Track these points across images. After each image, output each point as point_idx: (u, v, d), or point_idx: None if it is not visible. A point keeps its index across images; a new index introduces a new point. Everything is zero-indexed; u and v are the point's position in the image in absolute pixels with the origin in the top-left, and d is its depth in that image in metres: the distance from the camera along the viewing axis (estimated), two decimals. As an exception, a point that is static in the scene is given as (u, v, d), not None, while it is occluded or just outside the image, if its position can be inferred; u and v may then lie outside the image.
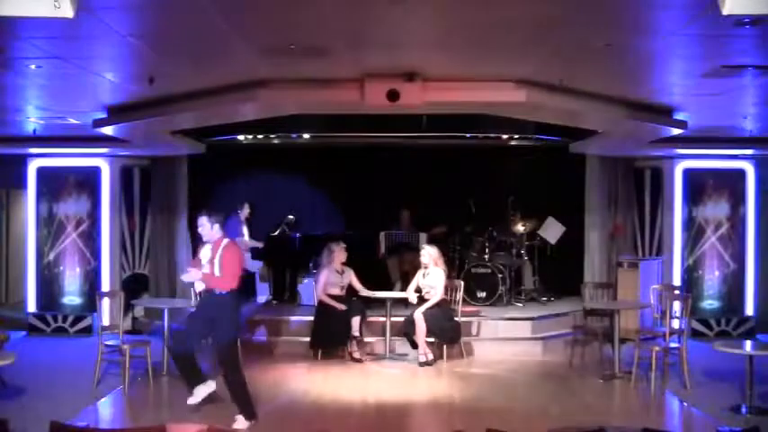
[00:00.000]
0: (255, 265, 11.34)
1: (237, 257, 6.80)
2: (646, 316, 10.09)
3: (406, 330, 9.18)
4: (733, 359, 7.58)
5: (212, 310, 6.72)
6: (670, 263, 11.35)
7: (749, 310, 11.32)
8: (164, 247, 11.87)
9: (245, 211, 10.94)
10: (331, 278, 9.37)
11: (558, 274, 11.69)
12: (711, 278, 11.33)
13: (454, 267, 11.56)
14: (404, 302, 9.47)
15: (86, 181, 11.40)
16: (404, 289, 9.92)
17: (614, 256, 11.58)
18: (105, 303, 8.84)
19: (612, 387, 8.23)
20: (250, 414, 6.64)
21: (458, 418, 7.01)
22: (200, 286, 6.93)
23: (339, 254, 9.44)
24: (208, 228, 6.75)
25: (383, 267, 11.40)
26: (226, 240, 6.82)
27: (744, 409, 7.09)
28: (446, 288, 9.39)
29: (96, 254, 11.38)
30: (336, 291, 9.39)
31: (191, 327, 6.91)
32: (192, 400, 6.87)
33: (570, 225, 11.54)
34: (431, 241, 11.01)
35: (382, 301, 9.46)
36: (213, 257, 6.69)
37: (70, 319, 11.26)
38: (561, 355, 9.47)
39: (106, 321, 8.66)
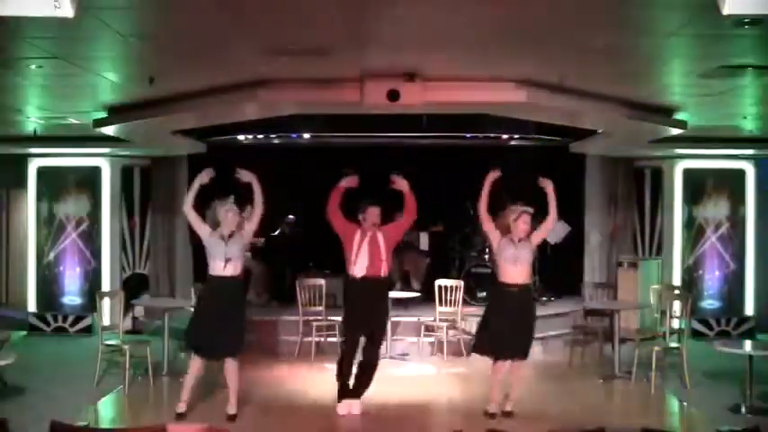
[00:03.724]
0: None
1: None
2: (646, 316, 10.10)
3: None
4: (733, 359, 7.58)
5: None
6: (670, 263, 11.35)
7: (749, 310, 11.32)
8: (164, 247, 11.87)
9: (247, 212, 10.92)
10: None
11: (558, 274, 11.69)
12: (711, 278, 11.33)
13: (454, 267, 11.56)
14: (403, 303, 9.45)
15: (87, 181, 11.41)
16: (404, 289, 9.92)
17: (614, 256, 11.59)
18: (105, 303, 8.84)
19: (612, 387, 8.23)
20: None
21: (457, 418, 7.00)
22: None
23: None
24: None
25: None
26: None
27: (744, 409, 7.09)
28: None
29: (96, 254, 11.39)
30: None
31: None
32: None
33: (570, 225, 11.54)
34: (431, 239, 11.03)
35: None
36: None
37: (70, 319, 11.26)
38: (561, 355, 9.47)
39: (106, 321, 8.66)
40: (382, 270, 6.92)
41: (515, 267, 6.80)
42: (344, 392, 6.99)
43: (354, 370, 7.01)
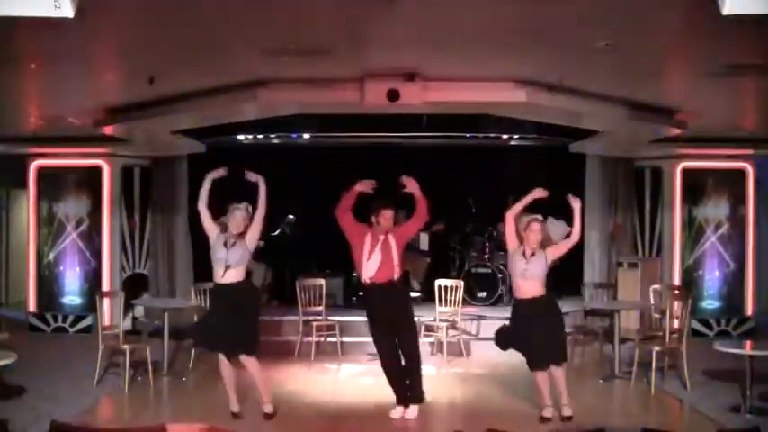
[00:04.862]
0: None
1: None
2: (646, 316, 10.09)
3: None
4: (733, 359, 7.57)
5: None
6: (670, 263, 11.35)
7: (749, 310, 11.32)
8: (164, 247, 11.87)
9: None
10: None
11: (558, 274, 11.66)
12: (711, 278, 11.33)
13: (454, 267, 11.56)
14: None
15: (87, 181, 11.40)
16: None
17: (614, 256, 11.58)
18: (105, 303, 8.84)
19: (612, 387, 8.23)
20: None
21: (458, 418, 7.00)
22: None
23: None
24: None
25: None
26: None
27: (744, 409, 7.08)
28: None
29: (96, 254, 11.39)
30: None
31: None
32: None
33: (570, 225, 11.52)
34: (431, 238, 10.99)
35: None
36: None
37: (70, 319, 11.26)
38: (561, 354, 9.46)
39: (106, 321, 8.66)
40: (395, 274, 6.82)
41: (525, 282, 6.70)
42: (400, 397, 6.91)
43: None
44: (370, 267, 6.77)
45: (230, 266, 6.63)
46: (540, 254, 6.74)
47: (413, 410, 6.90)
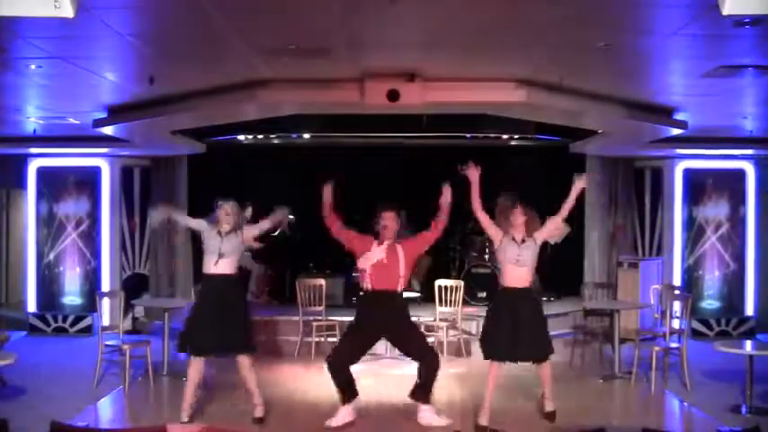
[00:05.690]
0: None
1: None
2: (646, 316, 10.09)
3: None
4: (733, 359, 7.58)
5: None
6: (670, 263, 11.36)
7: (749, 310, 11.32)
8: (164, 247, 11.87)
9: (248, 213, 10.88)
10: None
11: (558, 274, 11.69)
12: (711, 278, 11.34)
13: (454, 267, 11.56)
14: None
15: (86, 181, 11.41)
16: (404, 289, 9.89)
17: (614, 256, 11.59)
18: (105, 303, 8.84)
19: (612, 387, 8.23)
20: None
21: (458, 418, 7.00)
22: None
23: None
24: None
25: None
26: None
27: (744, 409, 7.09)
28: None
29: (96, 254, 11.39)
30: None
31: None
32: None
33: (570, 225, 11.53)
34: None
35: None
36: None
37: (70, 319, 11.27)
38: (561, 355, 9.43)
39: (106, 321, 8.66)
40: (398, 285, 6.64)
41: (517, 268, 6.61)
42: (345, 396, 6.73)
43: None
44: (374, 276, 6.59)
45: (223, 255, 6.62)
46: (530, 241, 6.71)
47: (428, 414, 6.71)
